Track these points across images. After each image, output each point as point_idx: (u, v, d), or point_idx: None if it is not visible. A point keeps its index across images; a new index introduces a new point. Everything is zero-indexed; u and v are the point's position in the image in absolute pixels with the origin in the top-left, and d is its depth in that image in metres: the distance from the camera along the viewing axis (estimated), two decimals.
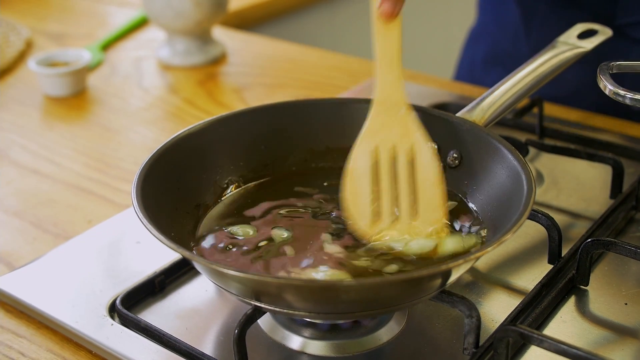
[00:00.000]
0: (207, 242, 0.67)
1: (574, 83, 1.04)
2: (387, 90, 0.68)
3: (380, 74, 0.68)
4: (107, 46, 1.30)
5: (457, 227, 0.67)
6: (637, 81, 0.79)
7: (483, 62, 1.18)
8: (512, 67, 0.80)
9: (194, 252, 0.65)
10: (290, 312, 0.60)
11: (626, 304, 0.68)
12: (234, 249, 0.65)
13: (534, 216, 0.71)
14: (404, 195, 0.66)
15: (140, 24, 1.38)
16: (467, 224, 0.67)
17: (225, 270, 0.57)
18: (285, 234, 0.67)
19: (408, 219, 0.66)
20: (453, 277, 0.60)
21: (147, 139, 1.02)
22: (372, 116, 0.68)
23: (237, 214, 0.70)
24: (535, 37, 1.06)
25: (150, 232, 0.59)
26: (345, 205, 0.67)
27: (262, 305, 0.59)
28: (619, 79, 0.72)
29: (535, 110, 0.93)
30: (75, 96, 1.13)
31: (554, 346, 0.57)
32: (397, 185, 0.66)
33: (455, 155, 0.72)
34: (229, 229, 0.68)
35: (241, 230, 0.68)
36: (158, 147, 0.68)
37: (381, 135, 0.67)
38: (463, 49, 1.26)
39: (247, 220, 0.69)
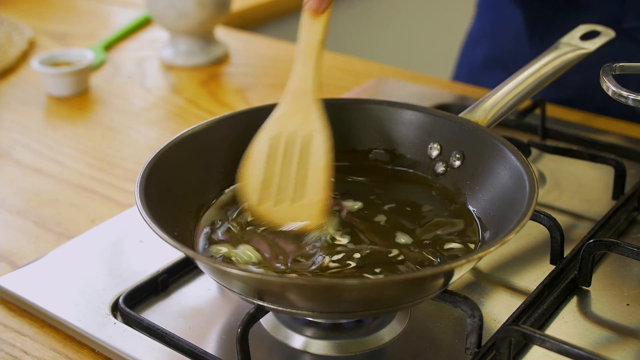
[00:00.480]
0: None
1: (576, 84, 1.04)
2: (300, 81, 0.70)
3: (297, 65, 0.70)
4: (110, 46, 1.30)
5: None
6: None
7: (483, 64, 1.18)
8: (513, 69, 0.80)
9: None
10: (293, 311, 0.60)
11: (628, 304, 0.68)
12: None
13: (536, 217, 0.71)
14: (293, 178, 0.69)
15: (143, 24, 1.38)
16: None
17: (228, 270, 0.57)
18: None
19: (293, 199, 0.68)
20: (455, 277, 0.60)
21: (149, 139, 1.02)
22: (283, 103, 0.70)
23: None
24: (539, 41, 1.06)
25: (154, 231, 0.59)
26: (241, 185, 0.70)
27: (265, 304, 0.59)
28: (622, 80, 0.72)
29: (538, 111, 0.93)
30: (78, 96, 1.13)
31: (556, 346, 0.57)
32: (288, 169, 0.69)
33: (457, 155, 0.72)
34: (240, 207, 0.70)
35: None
36: (161, 147, 0.69)
37: (286, 122, 0.70)
38: (461, 52, 1.26)
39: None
